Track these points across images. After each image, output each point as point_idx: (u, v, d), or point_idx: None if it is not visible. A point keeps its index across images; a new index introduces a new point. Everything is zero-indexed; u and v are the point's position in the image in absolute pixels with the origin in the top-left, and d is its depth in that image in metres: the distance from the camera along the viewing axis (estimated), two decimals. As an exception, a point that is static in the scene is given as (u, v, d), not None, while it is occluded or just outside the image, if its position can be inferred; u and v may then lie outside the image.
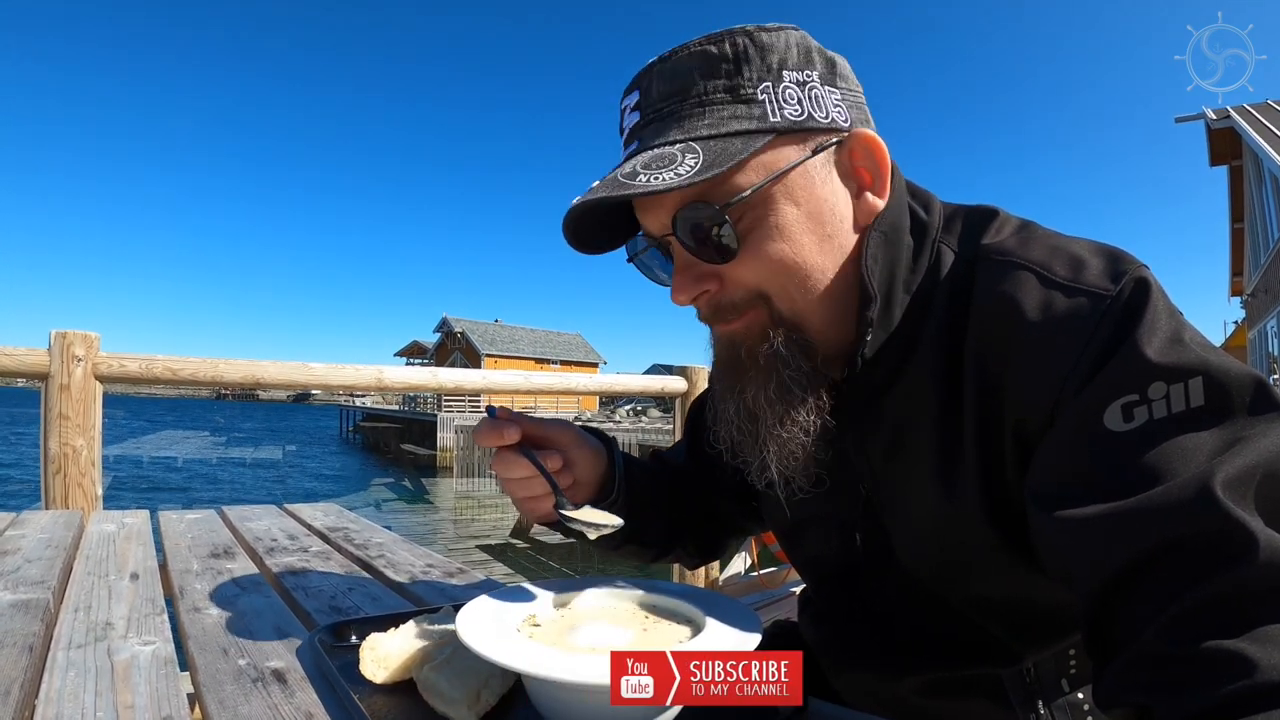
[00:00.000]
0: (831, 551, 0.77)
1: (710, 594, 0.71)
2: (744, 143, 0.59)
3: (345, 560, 1.26)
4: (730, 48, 0.61)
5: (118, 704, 0.63)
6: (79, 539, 1.36)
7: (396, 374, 2.89)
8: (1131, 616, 0.46)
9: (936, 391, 0.63)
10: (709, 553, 0.98)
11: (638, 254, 0.71)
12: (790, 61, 0.62)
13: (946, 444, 0.63)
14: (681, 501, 0.91)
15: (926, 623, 0.71)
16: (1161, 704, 0.43)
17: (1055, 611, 0.65)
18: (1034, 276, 0.57)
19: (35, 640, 0.76)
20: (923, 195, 0.69)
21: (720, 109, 0.61)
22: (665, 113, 0.62)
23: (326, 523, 1.63)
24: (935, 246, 0.66)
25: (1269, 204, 12.77)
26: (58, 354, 2.15)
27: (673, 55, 0.62)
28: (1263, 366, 13.26)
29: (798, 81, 0.62)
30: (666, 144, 0.60)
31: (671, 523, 0.90)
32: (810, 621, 0.86)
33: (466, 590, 1.09)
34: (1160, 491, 0.46)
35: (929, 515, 0.65)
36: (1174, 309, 0.54)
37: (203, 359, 2.41)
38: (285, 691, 0.66)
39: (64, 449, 2.13)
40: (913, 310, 0.64)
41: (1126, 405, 0.50)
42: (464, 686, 0.60)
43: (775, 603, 2.09)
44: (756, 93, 0.61)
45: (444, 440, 26.38)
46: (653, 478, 0.90)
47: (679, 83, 0.62)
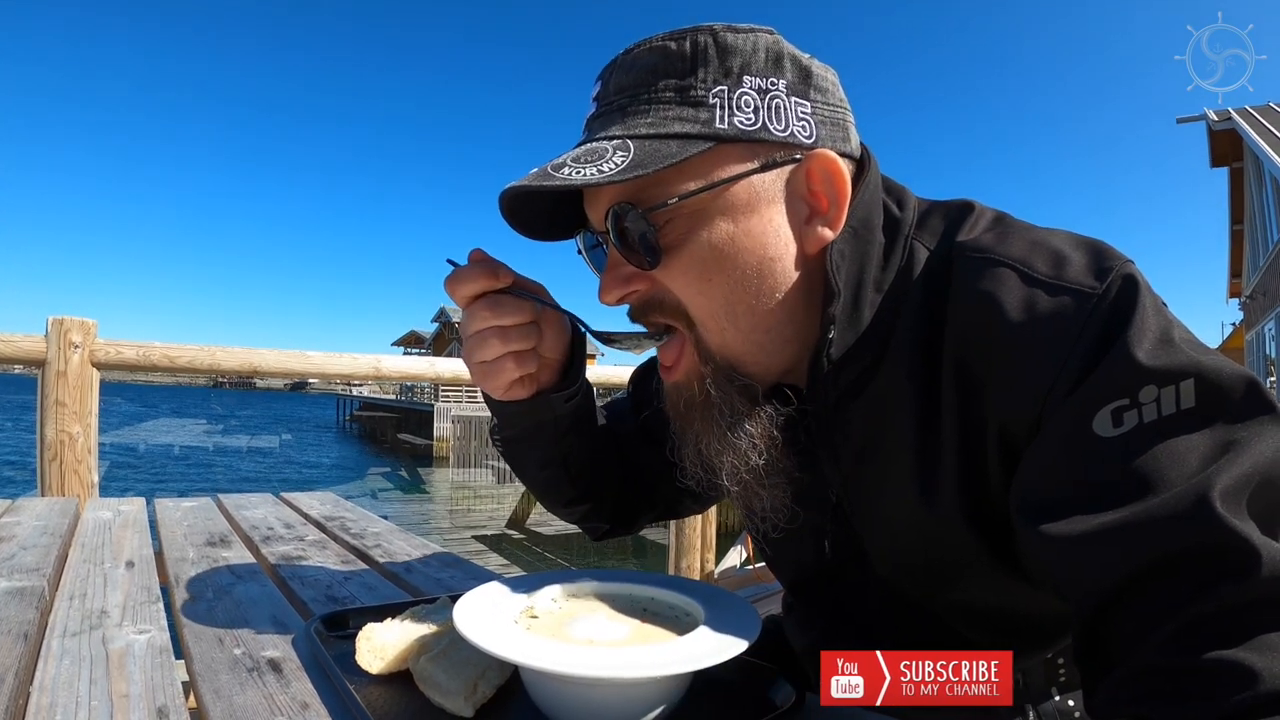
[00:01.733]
0: (804, 558, 0.75)
1: (708, 587, 0.70)
2: (680, 146, 0.56)
3: (341, 550, 1.26)
4: (690, 45, 0.58)
5: (112, 692, 0.62)
6: (75, 526, 1.36)
7: (394, 363, 2.89)
8: (1129, 631, 0.45)
9: (913, 394, 0.60)
10: (623, 519, 0.91)
11: (588, 249, 0.69)
12: (754, 67, 0.58)
13: (924, 447, 0.60)
14: (614, 449, 0.86)
15: (906, 630, 0.69)
16: (1162, 715, 0.42)
17: (1042, 620, 0.64)
18: (1014, 274, 0.55)
19: (30, 628, 0.76)
20: (897, 190, 0.66)
21: (665, 109, 0.58)
22: (615, 107, 0.60)
23: (323, 512, 1.62)
24: (908, 243, 0.63)
25: (1269, 206, 12.77)
26: (54, 340, 2.14)
27: (635, 48, 0.60)
28: (1260, 369, 13.29)
29: (758, 89, 0.58)
30: (604, 138, 0.58)
31: (606, 464, 0.85)
32: (796, 625, 0.84)
33: (463, 581, 1.08)
34: (1157, 504, 0.45)
35: (905, 520, 0.63)
36: (1161, 306, 0.52)
37: (200, 346, 2.41)
38: (281, 681, 0.65)
39: (60, 436, 2.12)
40: (884, 310, 0.61)
41: (1117, 410, 0.48)
42: (460, 678, 0.60)
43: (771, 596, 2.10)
44: (708, 96, 0.57)
45: (441, 430, 26.37)
46: (596, 409, 0.83)
47: (633, 77, 0.59)
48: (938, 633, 0.68)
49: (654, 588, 0.70)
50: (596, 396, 0.88)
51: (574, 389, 0.74)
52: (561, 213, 0.67)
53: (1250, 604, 0.41)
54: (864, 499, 0.66)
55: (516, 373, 0.68)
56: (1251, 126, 11.47)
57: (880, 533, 0.67)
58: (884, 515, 0.65)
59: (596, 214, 0.63)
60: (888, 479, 0.63)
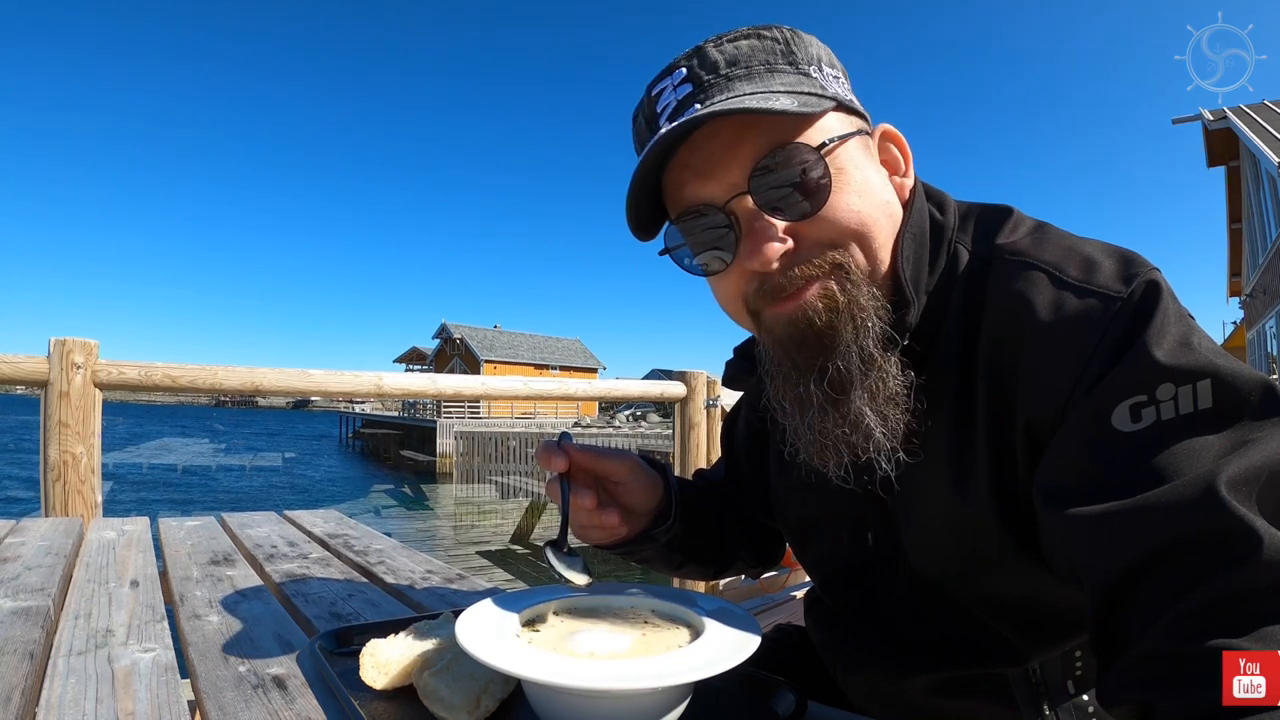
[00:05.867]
0: (842, 550, 0.78)
1: (709, 599, 0.71)
2: (818, 102, 0.61)
3: (345, 566, 1.26)
4: (779, 34, 0.64)
5: (118, 711, 0.63)
6: (79, 546, 1.36)
7: (396, 380, 2.90)
8: (1136, 615, 0.47)
9: (951, 390, 0.63)
10: (766, 559, 1.00)
11: (673, 249, 0.68)
12: (822, 59, 0.66)
13: (960, 442, 0.63)
14: (731, 517, 0.94)
15: (934, 622, 0.71)
16: (1164, 701, 0.43)
17: (1064, 611, 0.66)
18: (1046, 277, 0.58)
19: (36, 647, 0.76)
20: (937, 196, 0.71)
21: (787, 74, 0.63)
22: (732, 76, 0.63)
23: (326, 529, 1.63)
24: (952, 246, 0.66)
25: (1266, 205, 12.79)
26: (57, 361, 2.15)
27: (723, 39, 0.64)
28: (1262, 367, 13.26)
29: (832, 75, 0.66)
30: (744, 95, 0.60)
31: (725, 539, 0.93)
32: (816, 622, 0.87)
33: (466, 596, 1.09)
34: (1166, 490, 0.47)
35: (941, 513, 0.66)
36: (1184, 312, 0.54)
37: (201, 366, 2.42)
38: (285, 698, 0.66)
39: (63, 456, 2.13)
40: (930, 310, 0.65)
41: (1135, 406, 0.50)
42: (464, 692, 0.60)
43: (776, 607, 2.09)
44: (810, 70, 0.64)
45: (444, 446, 26.33)
46: (704, 499, 0.92)
47: (741, 55, 0.63)
48: (963, 624, 0.69)
49: (655, 599, 0.70)
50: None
51: (666, 526, 0.82)
52: (645, 213, 0.67)
53: (1253, 591, 0.42)
54: (905, 490, 0.68)
55: (593, 532, 0.78)
56: (1247, 125, 11.50)
57: (918, 525, 0.69)
58: (922, 507, 0.68)
59: (727, 179, 0.61)
60: (926, 472, 0.65)
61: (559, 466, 0.73)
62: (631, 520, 0.80)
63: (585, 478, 0.76)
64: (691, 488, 0.93)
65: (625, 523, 0.78)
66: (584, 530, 0.78)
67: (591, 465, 0.76)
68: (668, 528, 0.81)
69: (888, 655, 0.74)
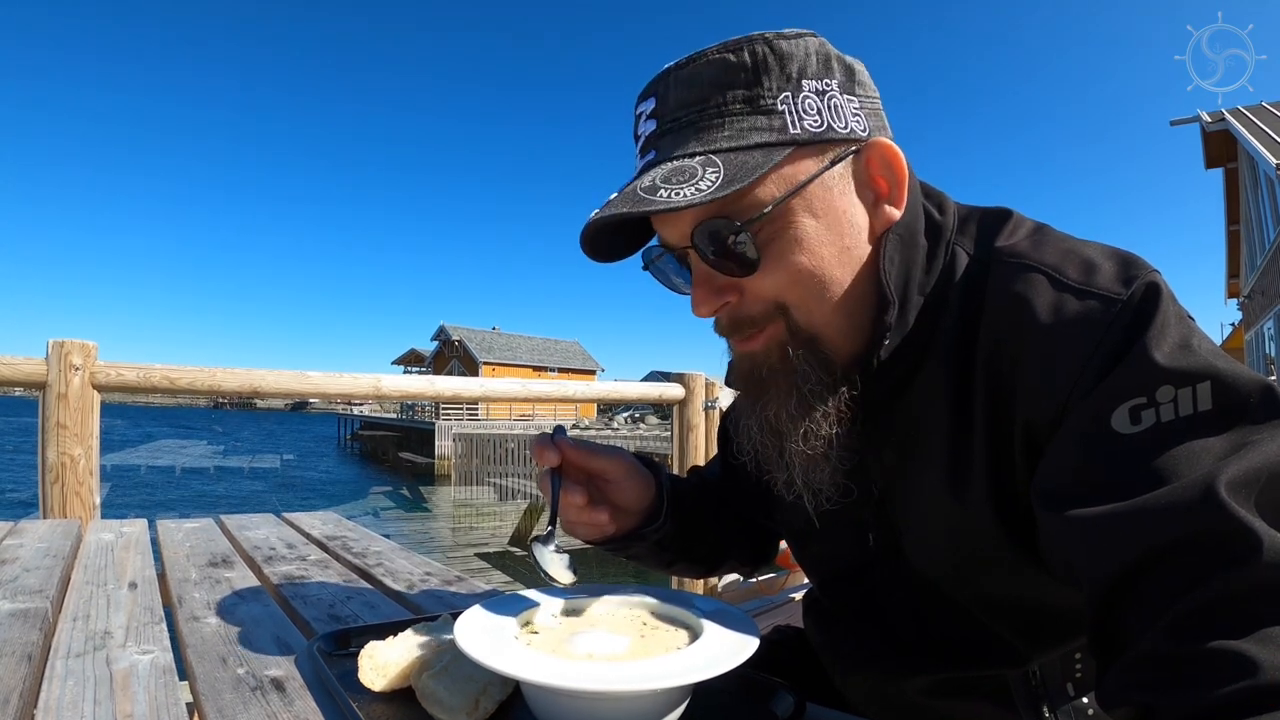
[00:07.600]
0: (842, 551, 0.78)
1: (707, 600, 0.71)
2: (764, 155, 0.58)
3: (344, 569, 1.26)
4: (749, 56, 0.60)
5: (117, 713, 0.63)
6: (77, 548, 1.36)
7: (394, 382, 2.89)
8: (1134, 616, 0.47)
9: (949, 392, 0.63)
10: (760, 558, 1.00)
11: (653, 261, 0.70)
12: (809, 70, 0.61)
13: (958, 444, 0.63)
14: (725, 515, 0.93)
15: (934, 623, 0.71)
16: (1163, 703, 0.43)
17: (1064, 613, 0.66)
18: (1046, 279, 0.58)
19: (34, 649, 0.76)
20: (936, 196, 0.70)
21: (739, 120, 0.60)
22: (684, 122, 0.61)
23: (325, 531, 1.62)
24: (950, 248, 0.66)
25: (1264, 206, 12.81)
26: (55, 363, 2.15)
27: (690, 62, 0.61)
28: (1260, 368, 13.28)
29: (817, 91, 0.61)
30: (685, 156, 0.59)
31: (719, 538, 0.92)
32: (815, 623, 0.87)
33: (465, 598, 1.09)
34: (1165, 492, 0.47)
35: (940, 515, 0.66)
36: (1184, 315, 0.54)
37: (200, 368, 2.41)
38: (284, 700, 0.66)
39: (62, 458, 2.12)
40: (927, 312, 0.64)
41: (1134, 408, 0.50)
42: (462, 694, 0.60)
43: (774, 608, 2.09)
44: (776, 103, 0.60)
45: (442, 448, 26.33)
46: (698, 498, 0.91)
47: (697, 91, 0.61)
48: (962, 625, 0.69)
49: (653, 601, 0.70)
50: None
51: (656, 525, 0.81)
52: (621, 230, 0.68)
53: (1252, 592, 0.42)
54: (904, 492, 0.68)
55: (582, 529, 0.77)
56: (1245, 127, 11.52)
57: (917, 525, 0.69)
58: (921, 508, 0.68)
59: (678, 230, 0.63)
60: (925, 473, 0.66)
61: (550, 461, 0.73)
62: (622, 519, 0.79)
63: (578, 474, 0.76)
64: (685, 485, 0.92)
65: (615, 521, 0.78)
66: (573, 526, 0.78)
67: (584, 462, 0.76)
68: (658, 527, 0.81)
69: (887, 656, 0.74)
